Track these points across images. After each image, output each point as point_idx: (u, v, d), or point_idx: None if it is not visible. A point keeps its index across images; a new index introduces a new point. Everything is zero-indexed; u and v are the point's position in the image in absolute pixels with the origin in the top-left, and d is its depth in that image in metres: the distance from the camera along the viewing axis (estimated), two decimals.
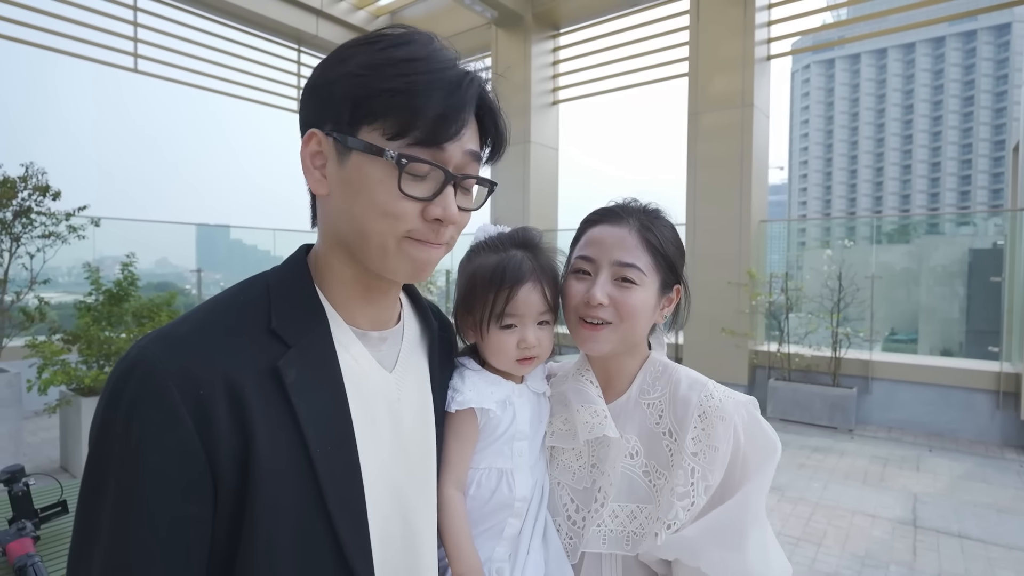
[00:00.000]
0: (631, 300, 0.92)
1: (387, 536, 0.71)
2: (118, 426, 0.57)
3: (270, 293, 0.70)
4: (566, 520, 0.97)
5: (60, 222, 4.56)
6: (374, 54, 0.66)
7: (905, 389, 5.85)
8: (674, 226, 1.01)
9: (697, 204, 6.79)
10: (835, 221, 22.13)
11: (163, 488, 0.57)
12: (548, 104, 8.67)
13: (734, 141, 6.53)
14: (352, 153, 0.65)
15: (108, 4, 7.03)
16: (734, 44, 6.54)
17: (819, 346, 6.21)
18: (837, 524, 3.64)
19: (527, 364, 0.96)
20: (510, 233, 1.00)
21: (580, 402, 0.98)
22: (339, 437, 0.67)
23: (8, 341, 4.48)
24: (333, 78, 0.66)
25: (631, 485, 0.93)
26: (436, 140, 0.65)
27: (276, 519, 0.60)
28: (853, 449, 5.16)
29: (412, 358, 0.84)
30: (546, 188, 8.67)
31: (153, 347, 0.60)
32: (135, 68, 7.42)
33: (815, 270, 6.59)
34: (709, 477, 0.88)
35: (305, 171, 0.69)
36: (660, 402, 0.96)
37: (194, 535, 0.59)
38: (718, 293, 6.52)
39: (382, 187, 0.65)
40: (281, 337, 0.66)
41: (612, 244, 0.94)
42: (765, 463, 0.89)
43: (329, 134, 0.66)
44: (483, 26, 8.70)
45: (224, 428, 0.59)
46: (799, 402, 5.98)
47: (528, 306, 0.93)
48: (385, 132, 0.64)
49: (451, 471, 0.88)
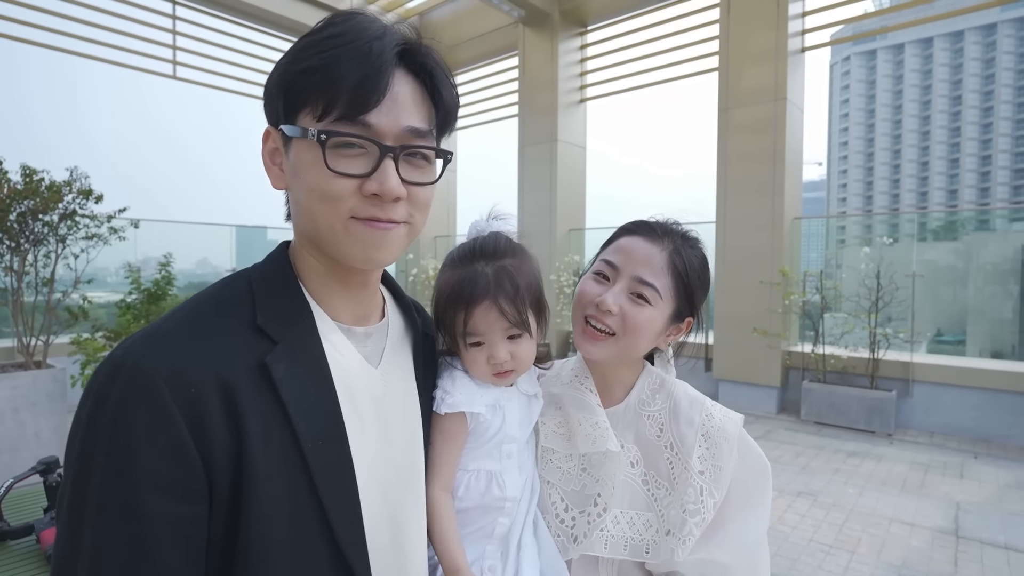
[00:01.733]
0: (639, 317, 0.92)
1: (377, 531, 0.71)
2: (105, 429, 0.56)
3: (253, 289, 0.69)
4: (555, 518, 0.97)
5: (102, 224, 4.76)
6: (301, 41, 0.66)
7: (949, 392, 5.59)
8: (706, 259, 1.00)
9: (728, 201, 6.64)
10: (876, 218, 21.33)
11: (156, 490, 0.56)
12: (575, 102, 8.61)
13: (766, 136, 6.36)
14: (292, 142, 0.66)
15: (148, 14, 7.30)
16: (766, 36, 6.36)
17: (856, 347, 5.99)
18: (872, 532, 3.51)
19: (503, 377, 0.93)
20: (479, 243, 0.94)
21: (580, 411, 0.98)
22: (330, 431, 0.67)
23: (55, 338, 4.69)
24: (272, 76, 0.67)
25: (631, 493, 0.96)
26: (359, 109, 0.63)
27: (271, 515, 0.60)
28: (892, 454, 4.96)
29: (397, 354, 0.83)
30: (574, 186, 8.61)
31: (139, 347, 0.59)
32: (174, 75, 7.68)
33: (852, 268, 6.35)
34: (716, 494, 0.91)
35: (266, 169, 0.71)
36: (660, 415, 0.98)
37: (189, 535, 0.58)
38: (749, 292, 6.36)
39: (314, 169, 0.64)
40: (267, 333, 0.66)
41: (639, 259, 0.95)
42: (762, 484, 0.95)
43: (278, 128, 0.67)
44: (510, 25, 8.70)
45: (217, 426, 0.58)
46: (835, 405, 5.79)
47: (488, 324, 0.89)
48: (314, 113, 0.64)
49: (438, 473, 0.88)
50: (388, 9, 9.18)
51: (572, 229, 8.62)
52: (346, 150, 0.64)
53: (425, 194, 0.71)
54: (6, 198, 4.13)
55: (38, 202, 4.26)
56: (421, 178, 0.70)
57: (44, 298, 4.60)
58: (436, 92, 0.70)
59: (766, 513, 0.94)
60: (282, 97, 0.65)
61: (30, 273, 4.54)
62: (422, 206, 0.71)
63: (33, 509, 1.76)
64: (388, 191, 0.65)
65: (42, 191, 4.28)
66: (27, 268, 4.50)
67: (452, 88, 0.73)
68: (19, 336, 4.51)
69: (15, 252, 4.41)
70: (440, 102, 0.71)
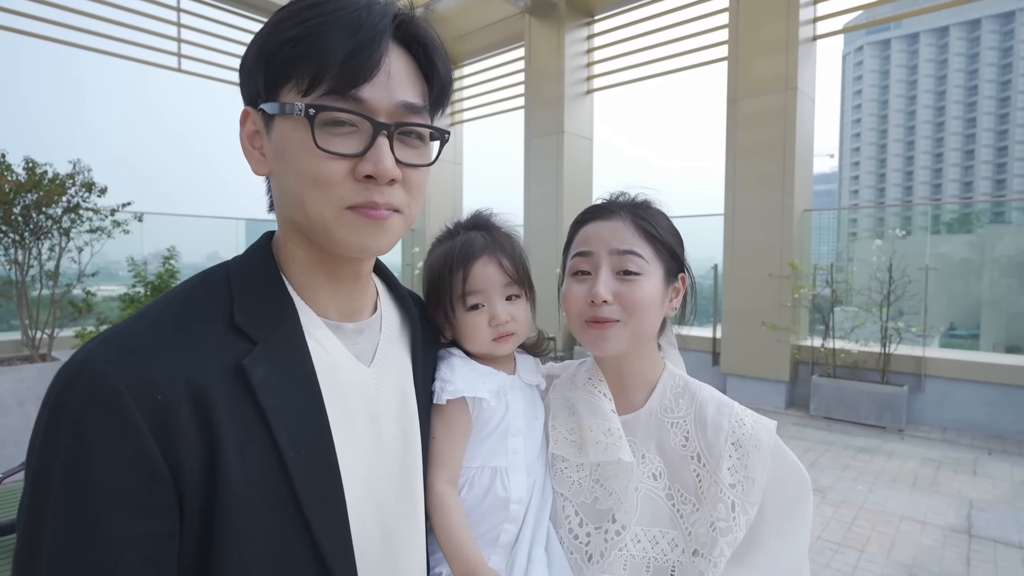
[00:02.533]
0: (637, 293, 0.86)
1: (366, 539, 0.67)
2: (63, 440, 0.51)
3: (231, 284, 0.64)
4: (568, 533, 0.91)
5: (106, 217, 4.76)
6: (281, 11, 0.61)
7: (963, 387, 5.49)
8: (666, 215, 0.96)
9: (736, 193, 6.54)
10: (889, 210, 21.03)
11: (119, 507, 0.51)
12: (582, 93, 8.51)
13: (776, 127, 6.24)
14: (275, 121, 0.60)
15: (153, 7, 7.28)
16: (777, 25, 6.23)
17: (867, 341, 5.89)
18: (882, 530, 3.44)
19: (505, 342, 0.92)
20: (465, 218, 0.98)
21: (592, 416, 0.91)
22: (314, 437, 0.62)
23: (60, 332, 4.71)
24: (251, 48, 0.62)
25: (654, 508, 0.87)
26: (351, 82, 0.58)
27: (250, 530, 0.56)
28: (903, 450, 4.88)
29: (392, 351, 0.78)
30: (580, 178, 8.53)
31: (101, 350, 0.54)
32: (179, 68, 7.67)
33: (864, 261, 6.25)
34: (749, 510, 0.83)
35: (245, 154, 0.65)
36: (685, 422, 0.89)
37: (158, 554, 0.53)
38: (758, 286, 6.27)
39: (303, 150, 0.58)
40: (246, 332, 0.61)
41: (608, 236, 0.89)
42: (800, 500, 0.86)
43: (258, 108, 0.62)
44: (516, 16, 8.60)
45: (187, 435, 0.53)
46: (845, 400, 5.70)
47: (487, 280, 0.90)
48: (299, 88, 0.58)
49: (443, 466, 0.83)
50: None
51: None
52: (336, 128, 0.59)
53: (420, 177, 0.66)
54: (9, 191, 4.13)
55: (41, 195, 4.26)
56: (416, 159, 0.65)
57: (49, 291, 4.62)
58: (431, 66, 0.65)
59: (806, 532, 0.85)
60: (262, 71, 0.60)
61: (34, 266, 4.55)
62: (416, 191, 0.66)
63: None
64: (384, 172, 0.59)
65: (45, 184, 4.28)
66: (31, 261, 4.51)
67: (447, 62, 0.67)
68: (24, 329, 4.53)
69: (19, 245, 4.42)
70: (435, 77, 0.66)
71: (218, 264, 0.68)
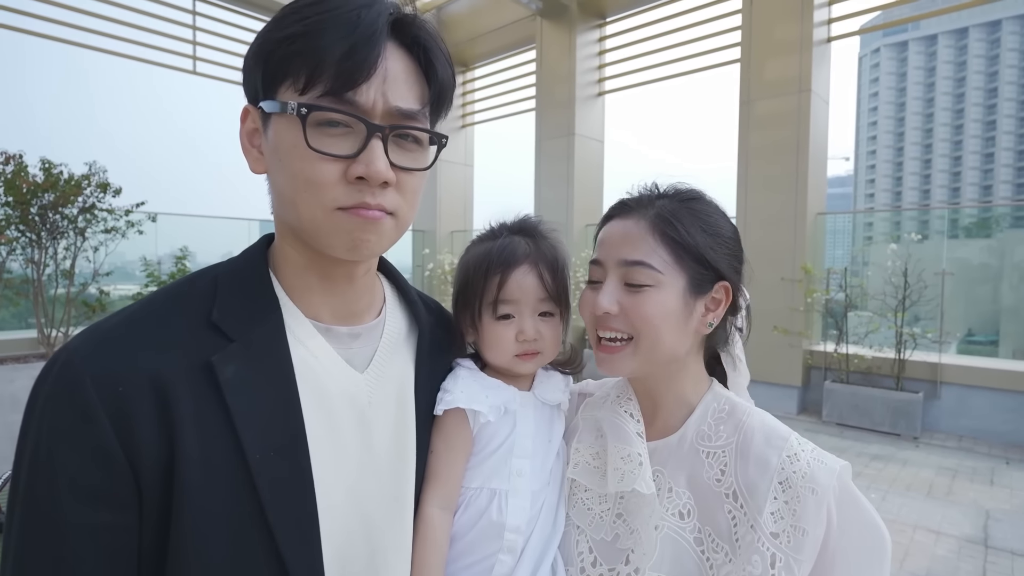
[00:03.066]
0: (643, 308, 0.75)
1: (348, 553, 0.64)
2: (32, 426, 0.54)
3: (217, 284, 0.64)
4: (579, 572, 0.81)
5: (121, 218, 4.82)
6: (283, 9, 0.61)
7: (980, 395, 5.38)
8: (713, 211, 0.81)
9: (749, 196, 6.47)
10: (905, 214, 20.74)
11: (75, 492, 0.52)
12: (593, 95, 8.48)
13: (789, 129, 6.18)
14: (271, 119, 0.60)
15: (169, 10, 7.37)
16: (791, 26, 6.17)
17: (881, 347, 5.80)
18: (896, 539, 3.38)
19: (528, 360, 0.85)
20: (513, 220, 0.92)
21: (615, 439, 0.81)
22: (285, 441, 0.60)
23: (75, 330, 4.78)
24: (252, 46, 0.62)
25: (678, 553, 0.74)
26: (346, 84, 0.57)
27: (207, 532, 0.55)
28: (918, 458, 4.79)
29: (392, 358, 0.75)
30: (591, 181, 8.51)
31: (75, 343, 0.56)
32: (194, 70, 7.76)
33: (879, 266, 6.16)
34: (795, 568, 0.67)
35: (244, 152, 0.64)
36: (724, 453, 0.76)
37: (113, 545, 0.53)
38: (770, 289, 6.20)
39: (296, 150, 0.58)
40: (222, 330, 0.60)
41: (618, 241, 0.79)
42: (874, 562, 0.69)
43: (257, 106, 0.61)
44: (527, 18, 8.60)
45: (146, 429, 0.53)
46: (858, 406, 5.61)
47: (523, 292, 0.84)
48: (295, 86, 0.58)
49: (436, 486, 0.77)
50: (404, 3, 9.15)
51: (589, 224, 8.51)
52: (330, 128, 0.58)
53: (415, 182, 0.65)
54: (27, 192, 4.20)
55: (58, 196, 4.33)
56: (411, 163, 0.63)
57: (64, 290, 4.68)
58: (430, 68, 0.63)
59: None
60: (260, 69, 0.60)
61: (50, 265, 4.62)
62: (411, 195, 0.65)
63: None
64: (375, 174, 0.58)
65: (61, 185, 4.35)
66: (48, 260, 4.58)
67: (448, 65, 0.66)
68: (40, 327, 4.60)
69: (36, 245, 4.49)
70: (434, 79, 0.64)
71: (212, 265, 0.68)
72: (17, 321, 6.00)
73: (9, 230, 4.30)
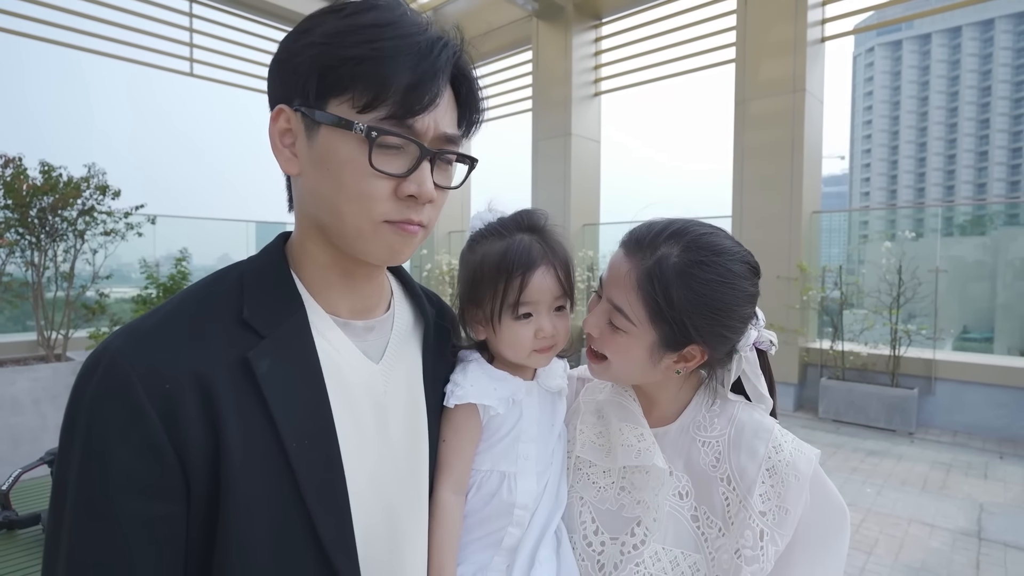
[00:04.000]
0: (613, 346, 0.84)
1: (371, 534, 0.68)
2: (80, 424, 0.55)
3: (243, 282, 0.67)
4: (581, 539, 0.88)
5: (120, 220, 4.84)
6: (338, 22, 0.62)
7: (974, 391, 5.43)
8: (718, 276, 0.80)
9: (744, 195, 6.53)
10: (900, 213, 20.83)
11: (129, 487, 0.54)
12: (589, 96, 8.53)
13: (784, 129, 6.23)
14: (321, 128, 0.62)
15: (166, 12, 7.38)
16: (785, 26, 6.23)
17: (876, 344, 5.85)
18: (891, 532, 3.42)
19: (544, 354, 0.89)
20: (513, 217, 0.92)
21: (622, 420, 0.88)
22: (317, 430, 0.64)
23: (74, 332, 4.79)
24: (297, 50, 0.62)
25: (677, 528, 0.84)
26: (409, 111, 0.61)
27: (251, 516, 0.58)
28: (912, 453, 4.84)
29: (403, 348, 0.79)
30: (588, 181, 8.55)
31: (117, 342, 0.58)
32: (191, 72, 7.77)
33: (874, 264, 6.21)
34: (779, 541, 0.78)
35: (274, 150, 0.65)
36: (718, 443, 0.85)
37: (165, 534, 0.56)
38: (766, 288, 6.12)
39: (353, 165, 0.61)
40: (253, 327, 0.63)
41: (613, 277, 0.85)
42: (837, 533, 0.81)
43: (297, 109, 0.62)
44: (524, 19, 8.64)
45: (193, 424, 0.56)
46: (853, 402, 5.67)
47: (543, 292, 0.86)
48: (354, 104, 0.60)
49: (449, 472, 0.82)
50: None
51: (586, 224, 8.55)
52: (386, 148, 0.62)
53: (444, 198, 0.71)
54: (27, 195, 4.21)
55: (57, 198, 4.34)
56: (446, 182, 0.70)
57: (64, 293, 4.70)
58: (470, 98, 0.70)
59: (840, 566, 0.80)
60: (315, 78, 0.61)
61: (50, 268, 4.63)
62: (439, 209, 0.71)
63: (41, 499, 1.78)
64: (426, 193, 0.64)
65: (60, 187, 4.36)
66: (47, 263, 4.59)
67: (480, 96, 0.72)
68: (40, 330, 4.61)
69: (36, 247, 4.50)
70: (471, 107, 0.70)
71: (234, 263, 0.71)
72: (16, 324, 6.01)
73: (8, 233, 4.31)
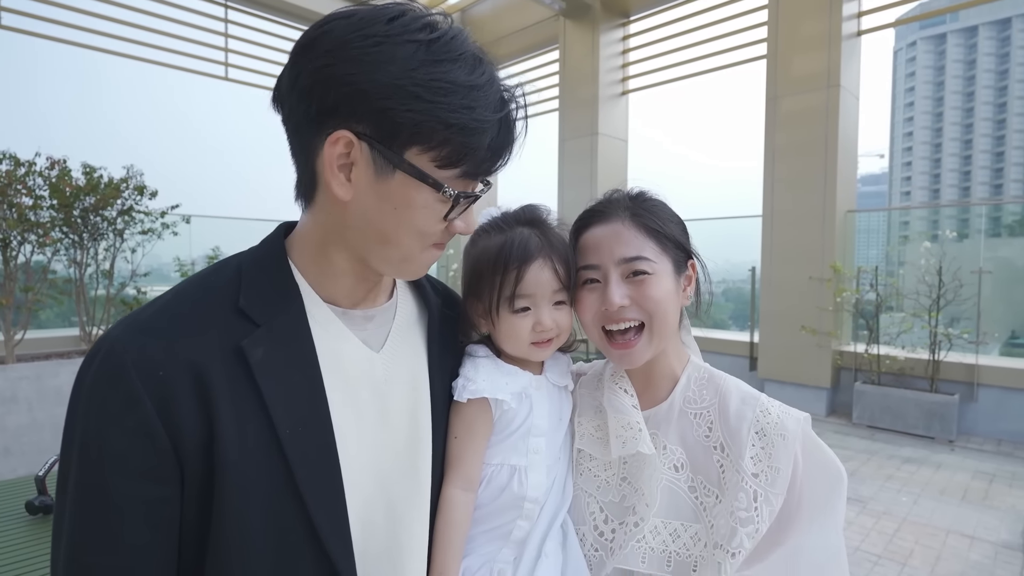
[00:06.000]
0: (651, 292, 0.85)
1: (368, 521, 0.69)
2: (80, 410, 0.58)
3: (241, 272, 0.68)
4: (592, 530, 0.89)
5: (157, 219, 5.00)
6: (429, 66, 0.60)
7: (1020, 397, 5.18)
8: (663, 203, 0.94)
9: (775, 194, 6.37)
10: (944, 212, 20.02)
11: (124, 470, 0.56)
12: (617, 95, 8.45)
13: (818, 126, 6.06)
14: (397, 172, 0.62)
15: (202, 18, 7.61)
16: (819, 20, 6.05)
17: (915, 347, 5.64)
18: (927, 543, 3.29)
19: (544, 348, 0.89)
20: (515, 211, 0.93)
21: (614, 412, 0.91)
22: (311, 417, 0.65)
23: None
24: (370, 78, 0.59)
25: (675, 500, 0.85)
26: (484, 172, 0.67)
27: (246, 501, 0.59)
28: (953, 462, 4.65)
29: (406, 337, 0.80)
30: (615, 181, 8.18)
31: (116, 332, 0.60)
32: (226, 76, 7.99)
33: (913, 264, 5.99)
34: (773, 501, 0.80)
35: (328, 174, 0.63)
36: (709, 413, 0.88)
37: (160, 516, 0.58)
38: (798, 289, 6.09)
39: (427, 212, 0.65)
40: (249, 316, 0.64)
41: (611, 242, 0.88)
42: (833, 493, 0.83)
43: (371, 144, 0.61)
44: (551, 19, 8.61)
45: (186, 410, 0.58)
46: (890, 408, 5.47)
47: (540, 286, 0.86)
48: (436, 159, 0.63)
49: (458, 468, 0.81)
50: (430, 6, 9.26)
51: None
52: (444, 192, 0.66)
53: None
54: (70, 195, 4.40)
55: (98, 199, 4.52)
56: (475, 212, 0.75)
57: (104, 290, 4.88)
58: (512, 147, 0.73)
59: (837, 526, 0.81)
60: (405, 128, 0.60)
61: (91, 266, 4.82)
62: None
63: None
64: (469, 229, 0.72)
65: (101, 188, 4.53)
66: (89, 261, 4.78)
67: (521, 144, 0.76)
68: (82, 326, 4.80)
69: (78, 246, 4.69)
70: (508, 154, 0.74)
71: (233, 255, 0.73)
72: (62, 320, 6.27)
73: (54, 231, 4.50)
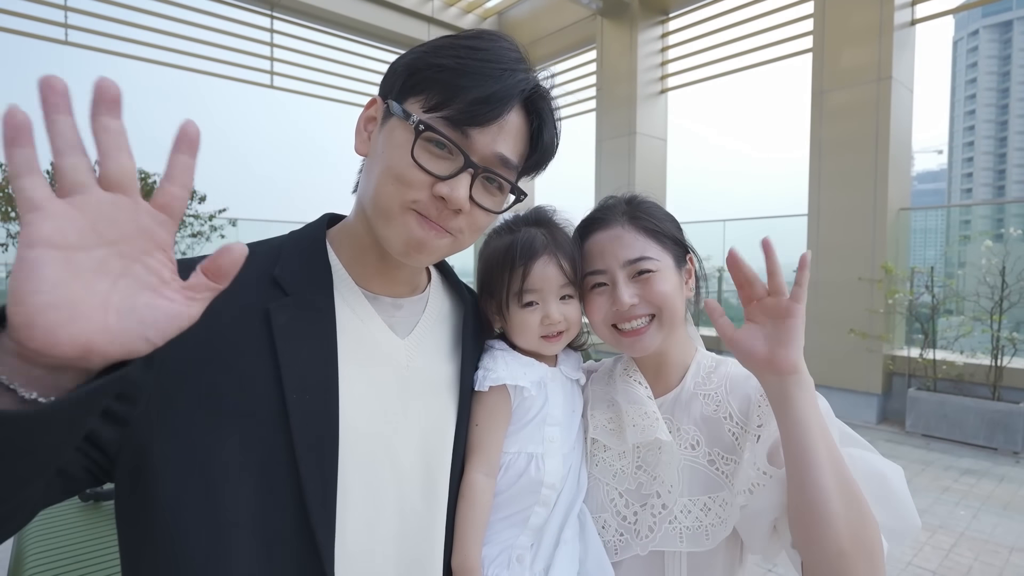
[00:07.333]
0: (658, 287, 0.92)
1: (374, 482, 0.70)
2: None
3: (281, 249, 0.74)
4: (615, 516, 0.93)
5: (205, 222, 5.22)
6: (445, 39, 0.71)
7: None
8: (657, 203, 1.01)
9: (822, 191, 6.14)
10: (1009, 209, 18.79)
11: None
12: (655, 93, 8.32)
13: (867, 120, 5.80)
14: (391, 118, 0.69)
15: (248, 29, 7.91)
16: (869, 10, 5.80)
17: (975, 352, 5.32)
18: (987, 560, 3.09)
19: (554, 341, 0.94)
20: (525, 213, 1.00)
21: (629, 403, 0.95)
22: (319, 384, 0.67)
23: None
24: (407, 55, 0.72)
25: (697, 477, 0.90)
26: (468, 120, 0.66)
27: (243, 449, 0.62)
28: (1018, 475, 4.36)
29: (434, 329, 0.83)
30: (653, 180, 8.33)
31: None
32: (271, 84, 8.27)
33: (974, 265, 5.65)
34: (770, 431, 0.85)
35: (356, 131, 0.74)
36: (717, 393, 0.94)
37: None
38: (846, 290, 5.84)
39: (400, 151, 0.67)
40: (280, 285, 0.69)
41: (614, 247, 0.94)
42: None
43: (384, 99, 0.71)
44: (588, 18, 8.57)
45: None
46: (947, 416, 5.18)
47: (545, 281, 0.92)
48: (425, 103, 0.67)
49: (480, 454, 0.85)
50: (468, 10, 9.35)
51: None
52: (436, 148, 0.67)
53: (485, 219, 0.74)
54: None
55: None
56: (488, 204, 0.72)
57: None
58: (539, 135, 0.74)
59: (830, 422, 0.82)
60: (404, 76, 0.70)
61: None
62: (477, 229, 0.74)
63: None
64: (455, 200, 0.67)
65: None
66: None
67: (555, 136, 0.77)
68: None
69: None
70: (538, 145, 0.75)
71: (277, 236, 0.79)
72: None
73: None
